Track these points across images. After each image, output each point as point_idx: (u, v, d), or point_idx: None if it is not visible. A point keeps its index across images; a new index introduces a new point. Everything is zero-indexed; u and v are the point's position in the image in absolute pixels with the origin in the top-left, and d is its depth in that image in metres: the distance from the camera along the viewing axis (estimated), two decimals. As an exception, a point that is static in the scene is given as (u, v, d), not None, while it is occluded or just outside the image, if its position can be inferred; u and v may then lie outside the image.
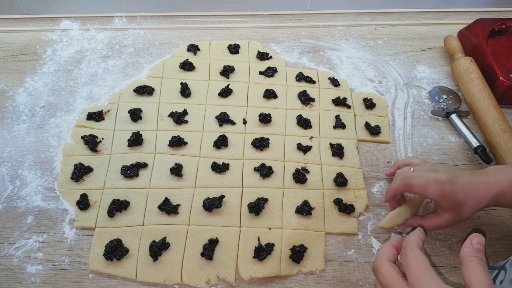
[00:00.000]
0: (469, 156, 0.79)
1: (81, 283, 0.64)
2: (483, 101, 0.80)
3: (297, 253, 0.66)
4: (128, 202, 0.70)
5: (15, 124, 0.81)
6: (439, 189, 0.59)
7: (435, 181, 0.59)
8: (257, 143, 0.77)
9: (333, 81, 0.88)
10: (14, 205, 0.71)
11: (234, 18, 1.00)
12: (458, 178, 0.59)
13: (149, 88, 0.84)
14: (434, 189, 0.59)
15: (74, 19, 0.98)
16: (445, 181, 0.59)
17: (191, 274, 0.64)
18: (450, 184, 0.58)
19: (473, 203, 0.59)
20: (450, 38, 0.92)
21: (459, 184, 0.59)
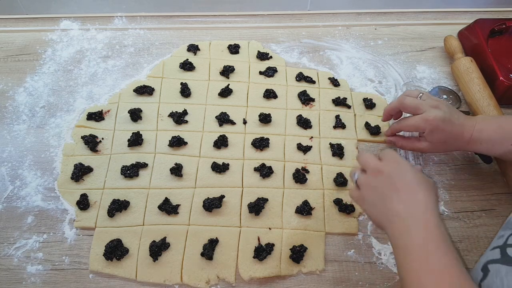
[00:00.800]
0: (469, 156, 0.79)
1: (81, 283, 0.64)
2: (483, 101, 0.80)
3: (297, 253, 0.66)
4: (128, 202, 0.70)
5: (15, 124, 0.81)
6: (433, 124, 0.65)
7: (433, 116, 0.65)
8: (257, 143, 0.77)
9: (333, 81, 0.88)
10: (14, 205, 0.71)
11: (234, 18, 1.00)
12: (451, 118, 0.66)
13: (149, 88, 0.84)
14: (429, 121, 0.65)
15: (74, 19, 0.98)
16: (440, 118, 0.65)
17: (191, 274, 0.64)
18: (443, 122, 0.65)
19: (453, 143, 0.67)
20: (450, 38, 0.92)
21: (450, 125, 0.65)
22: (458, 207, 0.73)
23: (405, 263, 0.49)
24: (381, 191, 0.55)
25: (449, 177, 0.77)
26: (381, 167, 0.56)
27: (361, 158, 0.60)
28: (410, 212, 0.51)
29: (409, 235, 0.50)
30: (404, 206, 0.52)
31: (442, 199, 0.74)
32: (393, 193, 0.53)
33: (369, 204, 0.57)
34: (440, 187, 0.75)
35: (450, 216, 0.72)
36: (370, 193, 0.56)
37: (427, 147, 0.70)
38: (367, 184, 0.57)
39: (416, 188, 0.53)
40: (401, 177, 0.54)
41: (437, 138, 0.67)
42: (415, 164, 0.78)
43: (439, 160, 0.79)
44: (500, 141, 0.64)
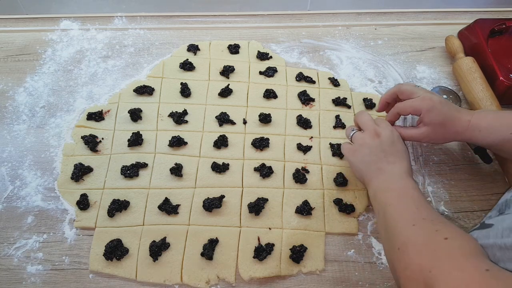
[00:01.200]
0: (469, 156, 0.79)
1: (81, 283, 0.64)
2: (486, 100, 0.80)
3: (297, 253, 0.66)
4: (128, 202, 0.70)
5: (15, 124, 0.81)
6: (429, 103, 0.65)
7: (429, 97, 0.66)
8: (257, 143, 0.77)
9: (333, 81, 0.88)
10: (14, 205, 0.71)
11: (234, 18, 1.00)
12: (448, 103, 0.67)
13: (149, 88, 0.84)
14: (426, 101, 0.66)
15: (74, 19, 0.98)
16: (436, 100, 0.66)
17: (191, 274, 0.64)
18: (440, 103, 0.66)
19: (451, 130, 0.66)
20: (451, 38, 0.92)
21: (447, 107, 0.66)
22: (458, 207, 0.73)
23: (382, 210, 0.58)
24: (374, 151, 0.64)
25: (449, 177, 0.77)
26: (378, 130, 0.65)
27: (361, 118, 0.68)
28: (394, 172, 0.61)
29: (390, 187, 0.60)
30: (390, 167, 0.62)
31: (442, 199, 0.74)
32: (383, 155, 0.63)
33: (359, 159, 0.65)
34: (440, 187, 0.75)
35: (450, 216, 0.72)
36: (364, 150, 0.65)
37: (425, 132, 0.67)
38: (363, 142, 0.66)
39: (403, 156, 0.64)
40: (392, 144, 0.64)
41: (435, 118, 0.65)
42: (415, 164, 0.78)
43: (439, 160, 0.79)
44: (498, 129, 0.64)
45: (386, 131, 0.65)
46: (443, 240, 0.48)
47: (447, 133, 0.67)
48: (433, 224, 0.51)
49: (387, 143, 0.64)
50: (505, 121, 0.64)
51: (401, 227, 0.53)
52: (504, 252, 0.48)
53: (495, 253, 0.49)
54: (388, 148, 0.63)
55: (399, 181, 0.60)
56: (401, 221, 0.54)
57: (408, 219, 0.53)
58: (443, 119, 0.66)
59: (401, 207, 0.56)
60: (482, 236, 0.53)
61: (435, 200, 0.74)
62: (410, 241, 0.51)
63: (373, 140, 0.65)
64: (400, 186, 0.59)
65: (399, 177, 0.60)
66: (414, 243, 0.50)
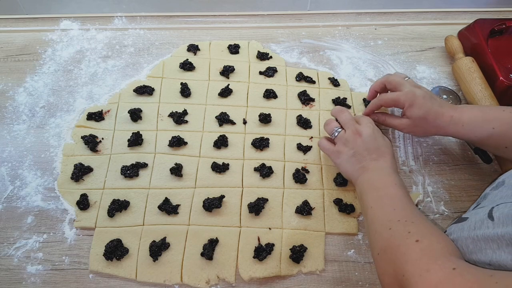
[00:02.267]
0: (469, 156, 0.79)
1: (81, 283, 0.64)
2: (484, 100, 0.80)
3: (297, 253, 0.66)
4: (128, 202, 0.70)
5: (15, 124, 0.81)
6: (411, 98, 0.67)
7: (412, 92, 0.67)
8: (257, 143, 0.77)
9: (333, 81, 0.88)
10: (14, 205, 0.71)
11: (234, 18, 1.00)
12: (431, 99, 0.68)
13: (149, 88, 0.84)
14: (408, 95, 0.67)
15: (74, 19, 0.98)
16: (419, 95, 0.67)
17: (191, 274, 0.64)
18: (423, 98, 0.67)
19: (433, 124, 0.67)
20: (451, 38, 0.92)
21: (429, 102, 0.67)
22: (458, 207, 0.73)
23: (364, 212, 0.60)
24: (357, 150, 0.65)
25: (449, 177, 0.77)
26: (359, 129, 0.67)
27: (342, 117, 0.70)
28: (377, 168, 0.63)
29: (373, 185, 0.61)
30: (374, 164, 0.64)
31: (442, 199, 0.74)
32: (366, 153, 0.65)
33: (344, 159, 0.67)
34: (440, 187, 0.75)
35: (450, 216, 0.72)
36: (347, 151, 0.66)
37: (406, 124, 0.70)
38: (346, 142, 0.67)
39: (385, 151, 0.65)
40: (374, 140, 0.66)
41: (416, 113, 0.67)
42: (415, 164, 0.78)
43: (439, 160, 0.79)
44: (481, 124, 0.65)
45: (366, 129, 0.67)
46: (414, 242, 0.49)
47: (429, 126, 0.68)
48: (406, 226, 0.52)
49: (369, 141, 0.65)
50: (488, 116, 0.65)
51: (379, 232, 0.55)
52: (476, 244, 0.49)
53: (469, 245, 0.50)
54: (370, 145, 0.65)
55: (382, 178, 0.61)
56: (379, 226, 0.55)
57: (384, 223, 0.55)
58: (424, 113, 0.67)
59: (379, 211, 0.57)
60: (458, 229, 0.54)
61: (435, 200, 0.74)
62: (386, 246, 0.52)
63: (355, 139, 0.66)
64: (382, 184, 0.60)
65: (383, 173, 0.62)
66: (390, 248, 0.51)
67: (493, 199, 0.55)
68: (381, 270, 0.52)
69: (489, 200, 0.57)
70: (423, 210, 0.73)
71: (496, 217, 0.48)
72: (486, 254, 0.47)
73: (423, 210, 0.73)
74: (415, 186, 0.75)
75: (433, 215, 0.72)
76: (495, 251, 0.46)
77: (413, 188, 0.75)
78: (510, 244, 0.44)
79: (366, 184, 0.62)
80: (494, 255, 0.46)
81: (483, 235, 0.48)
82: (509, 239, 0.44)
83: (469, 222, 0.53)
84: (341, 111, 0.71)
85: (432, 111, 0.67)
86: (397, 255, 0.49)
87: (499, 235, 0.46)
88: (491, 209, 0.50)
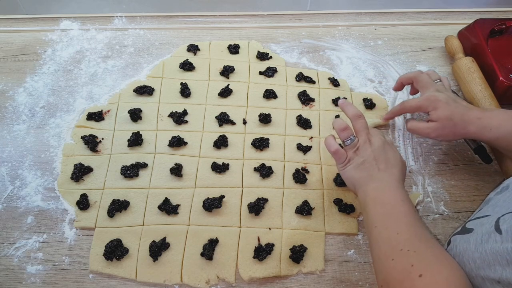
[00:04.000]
0: (469, 156, 0.79)
1: (81, 283, 0.64)
2: (484, 100, 0.80)
3: (297, 253, 0.66)
4: (128, 202, 0.70)
5: (15, 124, 0.81)
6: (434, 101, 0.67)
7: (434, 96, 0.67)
8: (257, 143, 0.77)
9: (333, 81, 0.88)
10: (14, 205, 0.71)
11: (234, 18, 1.00)
12: (456, 101, 0.68)
13: (149, 88, 0.84)
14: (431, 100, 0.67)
15: (74, 19, 0.98)
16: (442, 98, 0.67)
17: (191, 274, 0.64)
18: (445, 102, 0.67)
19: (460, 123, 0.66)
20: (451, 38, 0.92)
21: (454, 105, 0.67)
22: (458, 207, 0.73)
23: (369, 230, 0.58)
24: (367, 159, 0.63)
25: (449, 177, 0.77)
26: (371, 139, 0.65)
27: (358, 125, 0.67)
28: (385, 179, 0.61)
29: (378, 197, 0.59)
30: (381, 174, 0.62)
31: (442, 199, 0.74)
32: (374, 163, 0.63)
33: (352, 166, 0.64)
34: (440, 187, 0.75)
35: (450, 216, 0.72)
36: (357, 158, 0.64)
37: (434, 127, 0.68)
38: (357, 150, 0.65)
39: (394, 163, 0.63)
40: (384, 151, 0.64)
41: (442, 114, 0.66)
42: (415, 164, 0.78)
43: (439, 160, 0.79)
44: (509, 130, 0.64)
45: (377, 138, 0.65)
46: (417, 278, 0.48)
47: (457, 128, 0.67)
48: (409, 257, 0.51)
49: (378, 151, 0.63)
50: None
51: (382, 261, 0.54)
52: (484, 259, 0.48)
53: (476, 260, 0.49)
54: (379, 155, 0.63)
55: (388, 191, 0.60)
56: (382, 253, 0.54)
57: (388, 252, 0.53)
58: (450, 114, 0.66)
59: (383, 232, 0.55)
60: (464, 241, 0.53)
61: (435, 200, 0.74)
62: (389, 279, 0.51)
63: (366, 148, 0.64)
64: (388, 199, 0.59)
65: (389, 186, 0.60)
66: (393, 282, 0.51)
67: (496, 204, 0.55)
68: None
69: (492, 205, 0.56)
70: (423, 210, 0.73)
71: (504, 230, 0.47)
72: (495, 271, 0.46)
73: (423, 210, 0.73)
74: (415, 186, 0.75)
75: (433, 215, 0.72)
76: (505, 267, 0.45)
77: (413, 188, 0.75)
78: None
79: (372, 194, 0.60)
80: (504, 272, 0.45)
81: (492, 250, 0.47)
82: None
83: (475, 235, 0.52)
84: (358, 116, 0.67)
85: (458, 112, 0.66)
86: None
87: (508, 250, 0.45)
88: (497, 220, 0.49)
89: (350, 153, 0.65)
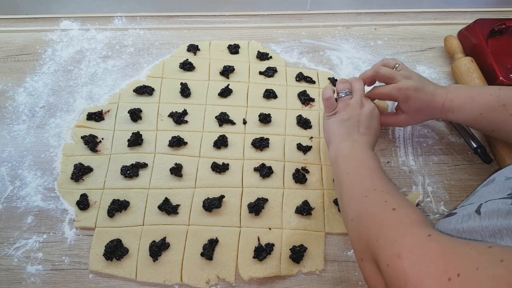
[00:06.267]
0: (469, 156, 0.79)
1: (81, 283, 0.64)
2: (483, 101, 0.81)
3: (297, 253, 0.66)
4: (128, 202, 0.70)
5: (15, 124, 0.81)
6: (405, 93, 0.68)
7: (405, 86, 0.68)
8: (257, 143, 0.77)
9: (333, 81, 0.88)
10: (14, 205, 0.71)
11: (234, 18, 1.00)
12: (423, 88, 0.69)
13: (149, 88, 0.84)
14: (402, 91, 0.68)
15: (74, 19, 0.98)
16: (412, 87, 0.68)
17: (191, 274, 0.64)
18: (415, 91, 0.68)
19: (428, 111, 0.70)
20: (450, 38, 0.92)
21: (422, 93, 0.68)
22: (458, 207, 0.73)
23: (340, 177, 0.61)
24: (352, 119, 0.66)
25: (449, 177, 0.77)
26: (364, 102, 0.68)
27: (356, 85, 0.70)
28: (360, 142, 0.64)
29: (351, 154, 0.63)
30: (358, 137, 0.65)
31: (442, 199, 0.74)
32: (357, 124, 0.66)
33: (336, 120, 0.68)
34: (440, 187, 0.75)
35: (450, 216, 0.72)
36: (344, 114, 0.67)
37: (405, 119, 0.72)
38: (347, 106, 0.68)
39: (374, 133, 0.67)
40: (370, 118, 0.67)
41: (412, 106, 0.69)
42: (415, 164, 0.78)
43: (439, 160, 0.79)
44: (470, 110, 0.67)
45: (369, 105, 0.68)
46: (391, 210, 0.50)
47: (424, 116, 0.72)
48: (383, 195, 0.53)
49: (366, 116, 0.67)
50: (477, 102, 0.67)
51: (355, 198, 0.56)
52: (460, 234, 0.50)
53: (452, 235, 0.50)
54: (364, 120, 0.66)
55: (361, 151, 0.63)
56: (355, 192, 0.56)
57: (361, 191, 0.56)
58: (420, 105, 0.69)
59: (356, 177, 0.59)
60: (445, 223, 0.55)
61: (435, 200, 0.74)
62: (362, 213, 0.53)
63: (356, 108, 0.67)
64: (361, 156, 0.62)
65: (363, 148, 0.64)
66: (365, 215, 0.52)
67: (481, 195, 0.56)
68: (355, 237, 0.53)
69: (477, 196, 0.57)
70: (423, 210, 0.73)
71: (483, 212, 0.49)
72: None
73: (423, 210, 0.73)
74: (415, 186, 0.76)
75: (433, 215, 0.72)
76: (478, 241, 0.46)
77: (413, 188, 0.75)
78: (492, 235, 0.45)
79: (345, 151, 0.63)
80: None
81: (469, 227, 0.49)
82: (492, 230, 0.45)
83: (456, 217, 0.54)
84: (357, 80, 0.71)
85: (426, 101, 0.69)
86: (373, 222, 0.50)
87: (483, 226, 0.47)
88: (479, 205, 0.51)
89: (340, 106, 0.68)
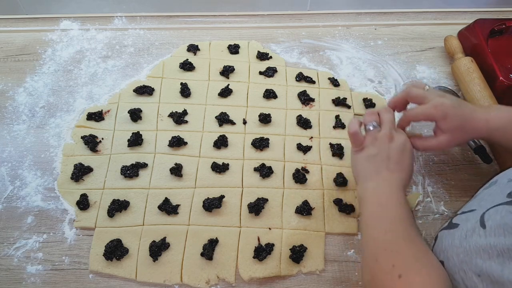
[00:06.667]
0: (469, 156, 0.79)
1: (81, 283, 0.64)
2: (483, 100, 0.80)
3: (297, 253, 0.66)
4: (128, 202, 0.70)
5: (15, 124, 0.81)
6: (442, 110, 0.62)
7: (441, 103, 0.62)
8: (257, 143, 0.77)
9: (333, 81, 0.88)
10: (14, 205, 0.71)
11: (234, 18, 1.00)
12: (460, 105, 0.64)
13: (149, 88, 0.84)
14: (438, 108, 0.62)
15: (74, 19, 0.98)
16: (449, 104, 0.62)
17: (191, 274, 0.64)
18: (453, 108, 0.62)
19: (469, 129, 0.63)
20: (450, 38, 0.92)
21: (460, 110, 0.63)
22: (458, 207, 0.73)
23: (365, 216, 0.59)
24: (381, 153, 0.61)
25: (449, 177, 0.77)
26: (394, 135, 0.62)
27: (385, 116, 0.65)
28: (388, 181, 0.59)
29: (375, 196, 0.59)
30: (387, 174, 0.60)
31: (442, 199, 0.74)
32: (387, 161, 0.60)
33: (363, 155, 0.62)
34: (440, 187, 0.75)
35: (450, 216, 0.72)
36: (372, 149, 0.62)
37: (446, 139, 0.63)
38: (375, 140, 0.62)
39: (405, 169, 0.61)
40: (401, 153, 0.61)
41: (451, 124, 0.62)
42: (415, 164, 0.78)
43: (439, 160, 0.79)
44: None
45: (400, 137, 0.62)
46: (397, 278, 0.49)
47: (467, 134, 0.64)
48: (392, 257, 0.52)
49: (396, 150, 0.61)
50: None
51: (366, 260, 0.55)
52: (467, 254, 0.49)
53: (459, 255, 0.50)
54: (394, 155, 0.60)
55: (386, 194, 0.58)
56: (368, 252, 0.55)
57: (373, 250, 0.54)
58: (460, 122, 0.62)
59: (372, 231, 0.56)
60: (449, 236, 0.54)
61: (435, 200, 0.74)
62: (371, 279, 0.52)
63: (384, 142, 0.61)
64: (385, 201, 0.58)
65: (392, 188, 0.59)
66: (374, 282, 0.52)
67: (482, 198, 0.55)
68: None
69: (478, 199, 0.56)
70: (423, 210, 0.73)
71: (488, 225, 0.48)
72: (476, 264, 0.47)
73: (423, 210, 0.73)
74: (415, 186, 0.75)
75: (433, 215, 0.72)
76: (486, 261, 0.46)
77: (413, 188, 0.75)
78: (500, 255, 0.44)
79: (370, 193, 0.59)
80: (484, 265, 0.46)
81: (475, 244, 0.48)
82: (500, 250, 0.44)
83: (460, 230, 0.53)
84: (386, 110, 0.65)
85: (466, 118, 0.63)
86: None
87: (491, 244, 0.45)
88: (482, 215, 0.50)
89: (368, 140, 0.63)
